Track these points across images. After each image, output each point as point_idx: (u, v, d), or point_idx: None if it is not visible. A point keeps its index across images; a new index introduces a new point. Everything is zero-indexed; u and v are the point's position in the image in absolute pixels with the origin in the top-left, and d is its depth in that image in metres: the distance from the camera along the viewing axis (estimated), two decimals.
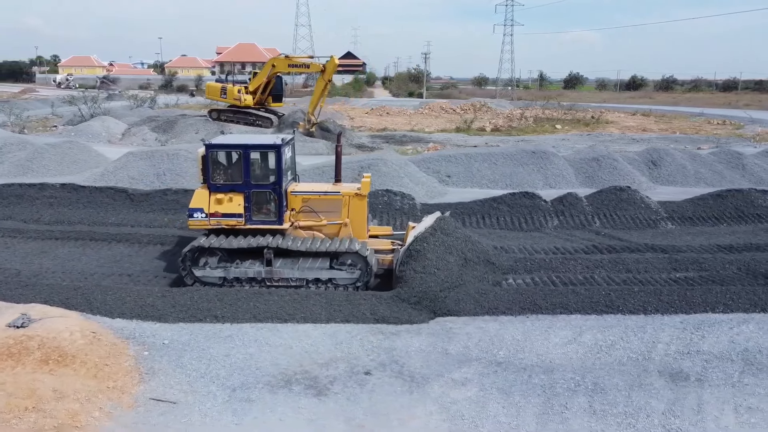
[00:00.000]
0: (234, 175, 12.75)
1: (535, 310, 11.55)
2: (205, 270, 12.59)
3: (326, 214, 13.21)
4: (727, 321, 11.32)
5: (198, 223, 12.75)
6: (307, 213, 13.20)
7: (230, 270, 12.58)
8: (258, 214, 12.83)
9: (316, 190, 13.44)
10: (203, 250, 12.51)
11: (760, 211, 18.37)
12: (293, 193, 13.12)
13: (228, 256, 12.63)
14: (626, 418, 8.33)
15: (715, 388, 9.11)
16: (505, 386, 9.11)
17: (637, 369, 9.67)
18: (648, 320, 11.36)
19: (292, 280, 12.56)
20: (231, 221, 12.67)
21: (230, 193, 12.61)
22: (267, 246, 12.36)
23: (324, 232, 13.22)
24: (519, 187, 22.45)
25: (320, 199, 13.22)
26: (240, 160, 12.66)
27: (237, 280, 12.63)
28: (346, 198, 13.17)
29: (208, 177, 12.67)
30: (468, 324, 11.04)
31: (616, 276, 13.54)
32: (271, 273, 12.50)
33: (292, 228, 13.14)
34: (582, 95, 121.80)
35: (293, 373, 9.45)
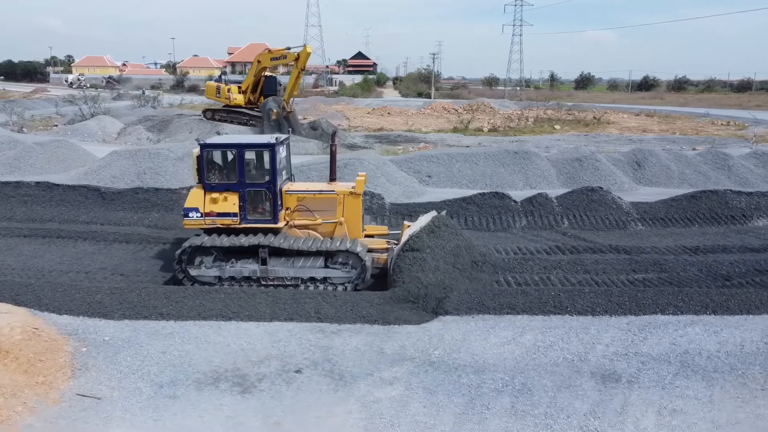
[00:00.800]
0: (229, 174, 12.82)
1: (482, 311, 11.50)
2: (201, 269, 12.65)
3: (321, 213, 13.26)
4: (674, 323, 11.22)
5: (193, 223, 12.82)
6: (303, 212, 13.26)
7: (225, 269, 12.64)
8: (253, 213, 12.89)
9: (311, 189, 13.51)
10: (199, 249, 12.55)
11: (734, 213, 18.17)
12: (288, 192, 13.20)
13: (223, 255, 12.69)
14: (545, 419, 8.30)
15: (644, 390, 9.05)
16: (431, 386, 9.11)
17: (570, 370, 9.62)
18: (594, 321, 11.28)
19: (287, 279, 12.62)
20: (226, 220, 12.74)
21: (225, 193, 12.68)
22: (262, 245, 12.41)
23: (319, 231, 13.29)
24: (499, 187, 22.37)
25: (315, 198, 13.28)
26: (235, 160, 12.73)
27: (232, 279, 12.68)
28: (340, 197, 13.23)
29: (203, 176, 12.74)
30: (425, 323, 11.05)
31: (573, 277, 13.48)
32: (266, 272, 12.56)
33: (287, 227, 13.20)
34: (592, 96, 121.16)
35: (224, 370, 9.52)
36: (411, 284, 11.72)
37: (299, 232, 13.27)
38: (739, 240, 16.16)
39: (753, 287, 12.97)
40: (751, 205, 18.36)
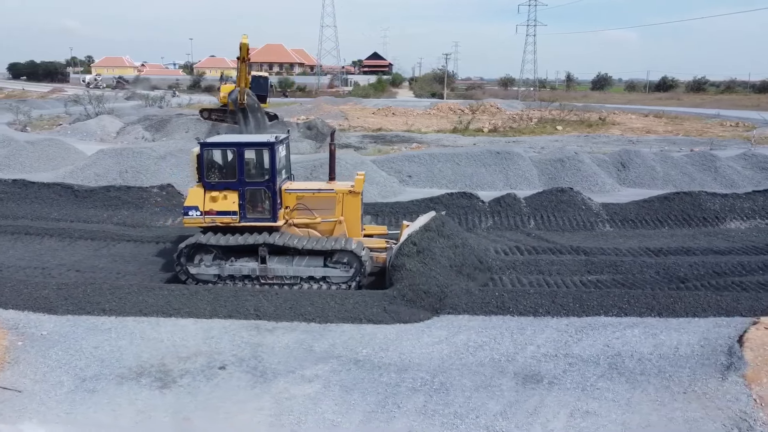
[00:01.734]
0: (228, 173, 12.83)
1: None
2: (200, 267, 12.72)
3: (320, 212, 13.29)
4: (615, 324, 11.15)
5: (193, 221, 12.88)
6: (302, 211, 13.29)
7: (225, 267, 12.70)
8: (252, 211, 12.92)
9: (310, 188, 13.56)
10: (198, 247, 12.63)
11: (707, 215, 17.90)
12: (287, 191, 13.23)
13: (223, 253, 12.74)
14: (454, 418, 8.28)
15: (563, 392, 8.99)
16: (350, 384, 9.13)
17: (494, 370, 9.59)
18: (534, 322, 11.25)
19: (286, 278, 12.66)
20: (225, 219, 12.78)
21: (225, 191, 12.73)
22: (262, 243, 12.45)
23: (319, 229, 13.31)
24: (478, 187, 22.33)
25: (314, 196, 13.32)
26: (234, 159, 12.77)
27: (231, 278, 12.75)
28: (339, 195, 13.26)
29: (203, 175, 12.79)
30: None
31: (525, 277, 13.42)
32: (265, 271, 12.61)
33: (286, 226, 13.23)
34: (608, 96, 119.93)
35: (150, 366, 9.63)
36: (407, 284, 11.71)
37: (299, 230, 13.28)
38: (707, 242, 15.94)
39: (706, 290, 12.78)
40: (725, 207, 18.08)
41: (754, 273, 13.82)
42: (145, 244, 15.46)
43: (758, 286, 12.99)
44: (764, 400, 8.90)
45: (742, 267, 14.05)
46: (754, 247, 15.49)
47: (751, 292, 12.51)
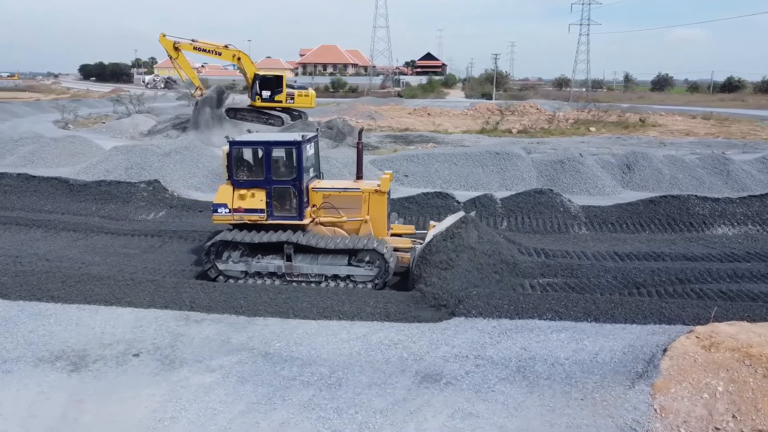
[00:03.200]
0: (256, 171, 13.00)
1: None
2: (228, 264, 13.00)
3: (346, 211, 13.35)
4: (543, 328, 10.95)
5: (222, 218, 13.14)
6: (328, 209, 13.38)
7: (251, 264, 12.94)
8: (279, 209, 13.04)
9: (337, 187, 13.63)
10: (226, 243, 12.92)
11: (694, 219, 17.16)
12: (314, 190, 13.32)
13: (250, 250, 12.98)
14: (333, 413, 8.36)
15: (456, 392, 8.91)
16: (248, 375, 9.34)
17: (397, 368, 9.59)
18: (462, 323, 11.15)
19: (311, 275, 12.80)
20: (253, 216, 12.96)
21: (253, 189, 12.90)
22: (287, 241, 12.62)
23: (345, 228, 13.39)
24: (472, 187, 22.17)
25: (340, 195, 13.38)
26: (262, 157, 12.89)
27: (258, 275, 13.00)
28: (365, 194, 13.28)
29: (231, 173, 12.99)
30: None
31: None
32: (290, 268, 12.76)
33: (313, 224, 13.36)
34: (667, 97, 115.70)
35: (72, 350, 10.11)
36: (428, 285, 11.73)
37: (325, 229, 13.38)
38: (683, 248, 15.32)
39: (660, 296, 12.36)
40: (715, 212, 17.28)
41: (719, 281, 13.22)
42: (121, 236, 16.14)
43: (718, 294, 12.43)
44: (666, 411, 8.59)
45: (709, 274, 13.45)
46: (731, 254, 14.79)
47: (707, 300, 12.01)
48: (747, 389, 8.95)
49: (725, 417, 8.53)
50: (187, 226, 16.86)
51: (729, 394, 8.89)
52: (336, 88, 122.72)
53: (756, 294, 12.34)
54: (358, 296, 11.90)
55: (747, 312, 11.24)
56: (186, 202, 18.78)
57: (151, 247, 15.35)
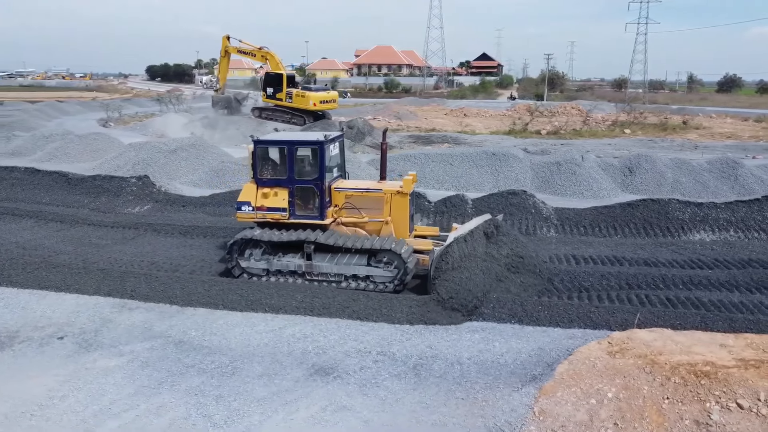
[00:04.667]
0: (279, 170, 13.09)
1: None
2: (250, 261, 13.12)
3: (368, 211, 13.25)
4: (467, 329, 10.97)
5: (245, 216, 13.25)
6: (350, 209, 13.32)
7: (273, 262, 13.03)
8: (301, 209, 13.07)
9: (359, 187, 13.55)
10: (249, 241, 13.06)
11: (673, 224, 16.53)
12: (337, 190, 13.28)
13: (271, 248, 13.09)
14: (211, 399, 8.63)
15: (341, 386, 9.03)
16: (152, 361, 9.76)
17: (295, 361, 9.80)
18: (384, 324, 11.23)
19: (330, 275, 12.78)
20: (275, 215, 13.04)
21: (276, 188, 12.98)
22: (306, 240, 12.71)
23: (366, 229, 13.33)
24: (464, 188, 22.04)
25: (362, 196, 13.30)
26: (285, 156, 12.99)
27: (279, 273, 13.09)
28: (387, 195, 13.15)
29: (256, 172, 13.11)
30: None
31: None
32: (311, 267, 12.78)
33: (335, 224, 13.35)
34: (732, 99, 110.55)
35: (6, 331, 10.80)
36: (444, 288, 11.56)
37: (346, 229, 13.34)
38: (650, 253, 14.82)
39: (600, 300, 12.11)
40: (695, 217, 16.59)
41: (671, 288, 12.79)
42: (101, 227, 16.98)
43: (662, 301, 12.07)
44: (545, 414, 8.47)
45: (663, 281, 13.03)
46: (697, 261, 14.22)
47: (646, 306, 11.70)
48: (638, 397, 8.75)
49: (606, 424, 8.35)
50: (164, 220, 17.55)
51: (618, 400, 8.70)
52: (389, 88, 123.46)
53: (702, 302, 11.91)
54: (286, 290, 12.17)
55: (680, 320, 10.90)
56: (171, 197, 19.53)
57: (124, 239, 16.09)
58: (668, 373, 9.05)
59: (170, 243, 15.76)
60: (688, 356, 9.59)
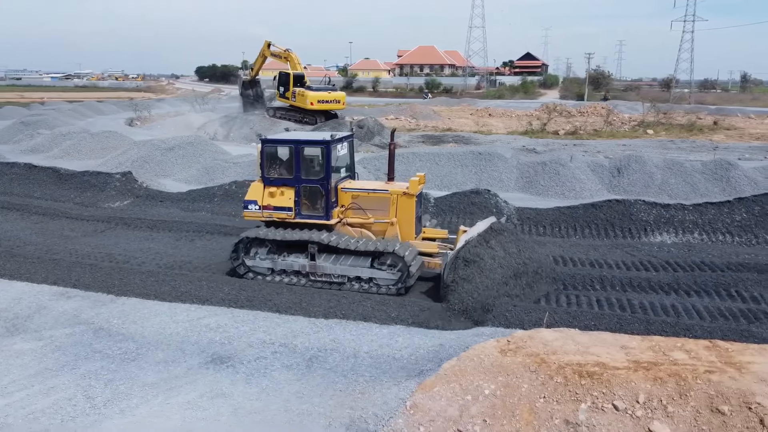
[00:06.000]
0: (286, 169, 13.06)
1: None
2: (255, 260, 13.19)
3: (374, 212, 13.13)
4: (376, 326, 11.09)
5: (252, 215, 13.30)
6: (356, 210, 13.25)
7: (277, 261, 13.09)
8: (307, 208, 13.04)
9: (366, 188, 13.47)
10: (254, 240, 13.13)
11: (636, 225, 16.15)
12: (343, 190, 13.21)
13: (276, 248, 13.13)
14: (101, 383, 9.06)
15: (228, 374, 9.31)
16: (66, 346, 10.26)
17: (198, 349, 10.14)
18: (298, 318, 11.44)
19: (334, 276, 12.76)
20: (281, 214, 13.04)
21: (282, 187, 12.98)
22: (309, 240, 12.71)
23: (372, 230, 13.20)
24: (447, 188, 22.04)
25: (368, 196, 13.20)
26: (291, 156, 12.96)
27: (284, 272, 13.16)
28: (393, 197, 13.01)
29: (263, 170, 13.13)
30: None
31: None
32: (314, 267, 12.78)
33: (341, 224, 13.28)
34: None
35: None
36: (461, 293, 11.37)
37: (352, 230, 13.26)
38: (600, 255, 14.55)
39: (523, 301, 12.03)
40: (661, 219, 16.16)
41: (607, 289, 12.64)
42: (77, 220, 17.81)
43: (589, 302, 11.96)
44: (416, 408, 8.55)
45: (601, 281, 12.87)
46: (646, 263, 13.91)
47: (572, 307, 11.63)
48: (515, 395, 8.75)
49: (475, 420, 8.39)
50: (137, 215, 18.27)
51: (493, 397, 8.72)
52: (430, 88, 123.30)
53: (631, 304, 11.74)
54: (216, 283, 12.56)
55: (595, 320, 10.81)
56: (152, 193, 20.25)
57: (94, 231, 16.85)
58: (552, 373, 8.98)
59: (135, 236, 16.40)
60: (581, 356, 9.49)
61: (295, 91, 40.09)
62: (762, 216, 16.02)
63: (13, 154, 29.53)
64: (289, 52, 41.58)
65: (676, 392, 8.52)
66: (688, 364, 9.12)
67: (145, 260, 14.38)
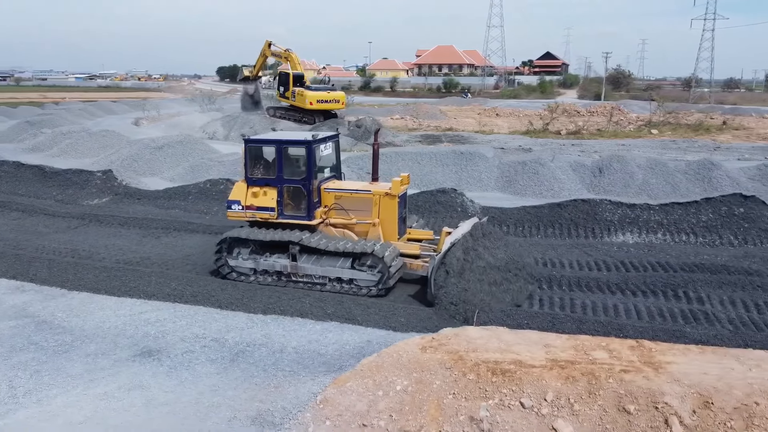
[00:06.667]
0: (268, 169, 13.10)
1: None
2: (238, 260, 13.19)
3: (356, 213, 13.10)
4: (315, 323, 11.23)
5: (235, 215, 13.31)
6: (338, 211, 13.21)
7: (260, 262, 13.06)
8: (289, 209, 13.04)
9: (349, 188, 13.42)
10: (237, 240, 13.12)
11: (599, 225, 16.05)
12: (327, 190, 13.18)
13: (258, 248, 13.11)
14: (29, 372, 9.32)
15: (153, 367, 9.54)
16: (5, 338, 10.53)
17: (131, 343, 10.39)
18: (239, 314, 11.62)
19: (315, 277, 12.74)
20: (264, 214, 13.03)
21: (265, 187, 12.99)
22: (289, 241, 12.70)
23: (355, 230, 13.13)
24: (425, 186, 22.06)
25: (351, 197, 13.17)
26: (274, 156, 13.00)
27: (266, 272, 13.12)
28: (376, 197, 12.98)
29: (247, 170, 13.19)
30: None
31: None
32: (296, 268, 12.75)
33: (323, 225, 13.25)
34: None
35: None
36: (447, 296, 11.33)
37: (335, 230, 13.21)
38: (557, 254, 14.44)
39: None
40: (625, 219, 16.03)
41: (553, 289, 12.68)
42: (53, 217, 18.24)
43: (530, 302, 11.93)
44: (326, 402, 8.65)
45: (548, 281, 12.88)
46: (602, 263, 13.83)
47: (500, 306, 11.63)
48: (426, 391, 8.83)
49: (382, 414, 8.49)
50: (112, 212, 18.65)
51: (404, 393, 8.80)
52: (447, 88, 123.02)
53: (574, 304, 11.77)
54: (165, 279, 12.81)
55: (528, 320, 10.93)
56: (130, 190, 20.64)
57: (67, 228, 17.25)
58: (467, 370, 9.05)
59: (105, 232, 16.76)
60: (500, 354, 9.53)
61: (294, 90, 40.39)
62: (729, 216, 15.81)
63: (14, 152, 30.23)
64: (290, 51, 41.92)
65: (586, 391, 8.53)
66: (606, 364, 9.12)
67: (107, 256, 14.69)
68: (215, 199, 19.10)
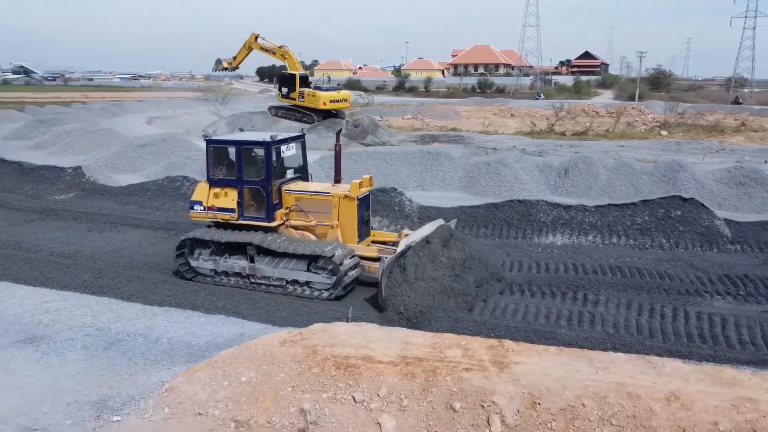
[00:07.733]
0: (229, 170, 13.09)
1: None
2: (199, 261, 13.23)
3: (316, 215, 13.05)
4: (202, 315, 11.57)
5: (198, 215, 13.31)
6: (298, 212, 13.21)
7: (219, 263, 13.09)
8: (249, 210, 13.05)
9: (309, 190, 13.33)
10: (198, 241, 13.15)
11: (531, 226, 15.91)
12: (287, 191, 13.16)
13: (219, 249, 13.14)
14: None
15: (27, 353, 10.01)
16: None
17: (19, 329, 10.90)
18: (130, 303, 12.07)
19: (272, 279, 12.74)
20: (225, 215, 13.01)
21: (226, 188, 12.99)
22: (245, 242, 12.70)
23: (315, 232, 13.12)
24: (388, 185, 22.21)
25: (311, 198, 13.12)
26: (234, 157, 13.00)
27: (225, 274, 13.15)
28: (336, 199, 12.93)
29: (208, 171, 13.23)
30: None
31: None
32: (253, 270, 12.77)
33: (284, 227, 13.26)
34: None
35: None
36: (395, 299, 11.25)
37: (295, 232, 13.19)
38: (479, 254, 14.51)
39: None
40: (559, 220, 15.83)
41: None
42: (16, 211, 19.05)
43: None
44: (172, 391, 8.89)
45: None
46: (516, 264, 13.78)
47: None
48: (269, 383, 9.06)
49: (219, 404, 8.76)
50: (74, 206, 19.38)
51: (246, 384, 9.04)
52: (482, 88, 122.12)
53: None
54: (80, 270, 13.33)
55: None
56: (96, 187, 21.36)
57: (23, 221, 18.03)
58: (313, 364, 9.25)
59: (55, 226, 17.47)
60: (354, 350, 9.68)
61: (303, 91, 40.69)
62: (665, 219, 15.48)
63: (17, 149, 31.58)
64: (286, 49, 41.68)
65: (421, 388, 8.64)
66: (453, 362, 9.19)
67: (44, 248, 15.31)
68: (170, 196, 19.67)
